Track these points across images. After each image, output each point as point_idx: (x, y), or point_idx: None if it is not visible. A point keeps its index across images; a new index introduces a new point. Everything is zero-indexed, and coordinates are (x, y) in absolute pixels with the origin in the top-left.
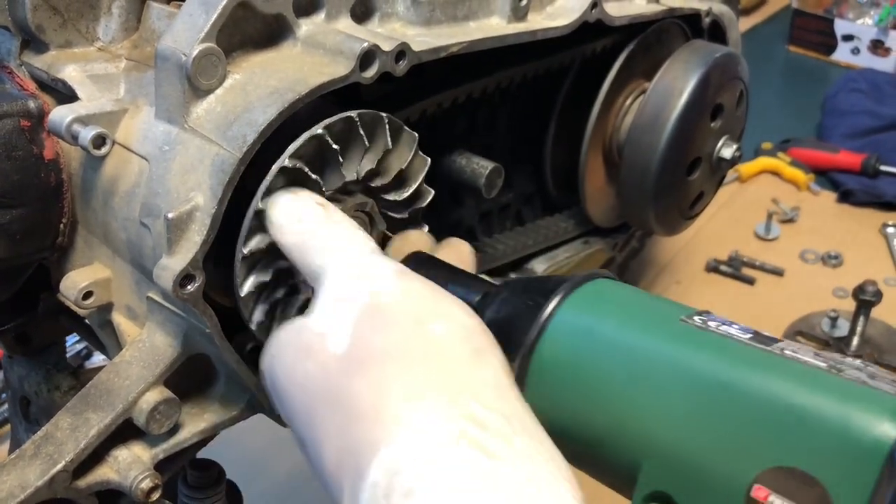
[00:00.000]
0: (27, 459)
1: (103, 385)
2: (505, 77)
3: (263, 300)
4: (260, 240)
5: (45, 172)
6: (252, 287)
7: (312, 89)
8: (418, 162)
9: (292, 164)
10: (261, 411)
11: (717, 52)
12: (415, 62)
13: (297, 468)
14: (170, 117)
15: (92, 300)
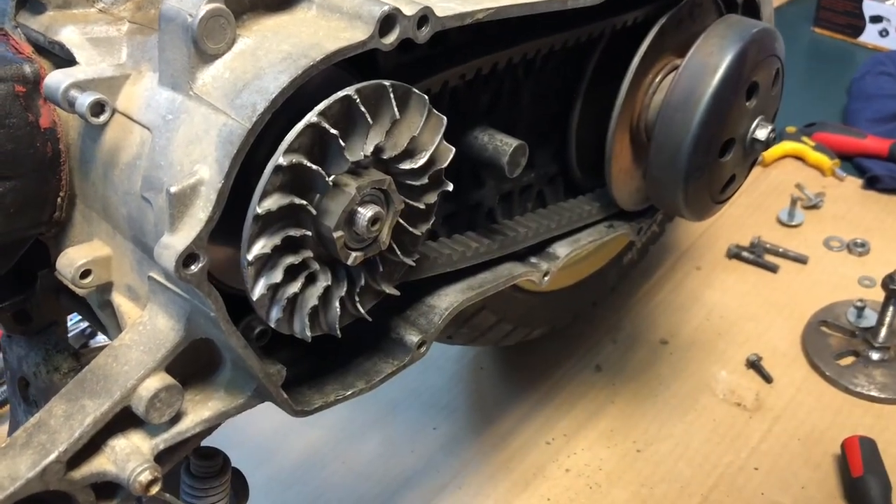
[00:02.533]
0: (18, 449)
1: (101, 370)
2: (531, 47)
3: (278, 300)
4: (265, 243)
5: (41, 142)
6: (263, 290)
7: (328, 55)
8: (431, 125)
9: (288, 160)
10: (268, 399)
11: (754, 27)
12: (438, 29)
13: (305, 453)
14: (174, 84)
15: (90, 279)
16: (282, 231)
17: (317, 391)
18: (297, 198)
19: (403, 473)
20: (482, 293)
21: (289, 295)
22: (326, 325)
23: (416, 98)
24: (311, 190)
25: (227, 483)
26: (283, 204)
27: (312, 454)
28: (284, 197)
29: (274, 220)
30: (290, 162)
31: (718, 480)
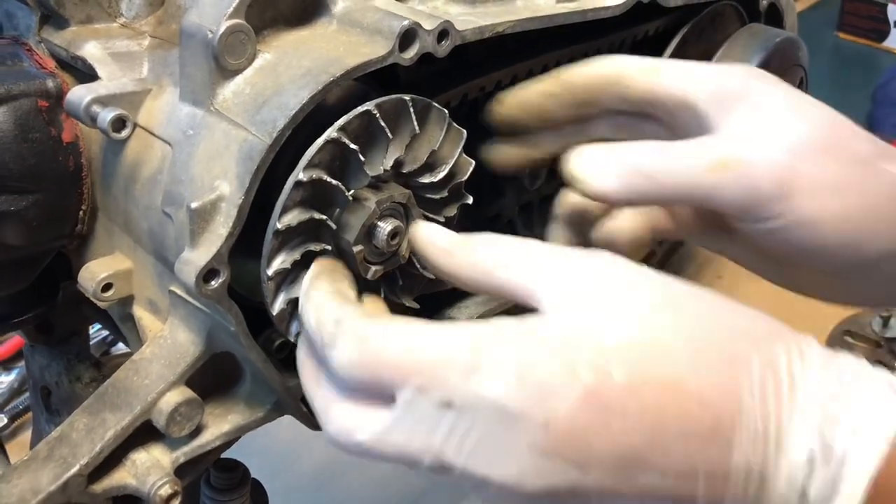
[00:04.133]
0: (40, 462)
1: (121, 384)
2: (551, 59)
3: (298, 315)
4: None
5: (64, 156)
6: (283, 304)
7: (348, 70)
8: (451, 138)
9: (308, 176)
10: (287, 412)
11: (777, 36)
12: (458, 42)
13: (323, 463)
14: (195, 99)
15: (111, 292)
16: (302, 246)
17: None
18: (317, 213)
19: (422, 483)
20: (502, 305)
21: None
22: None
23: (435, 112)
24: (331, 205)
25: (247, 494)
26: (303, 219)
27: (331, 463)
28: (304, 212)
29: (294, 235)
30: (310, 177)
31: None
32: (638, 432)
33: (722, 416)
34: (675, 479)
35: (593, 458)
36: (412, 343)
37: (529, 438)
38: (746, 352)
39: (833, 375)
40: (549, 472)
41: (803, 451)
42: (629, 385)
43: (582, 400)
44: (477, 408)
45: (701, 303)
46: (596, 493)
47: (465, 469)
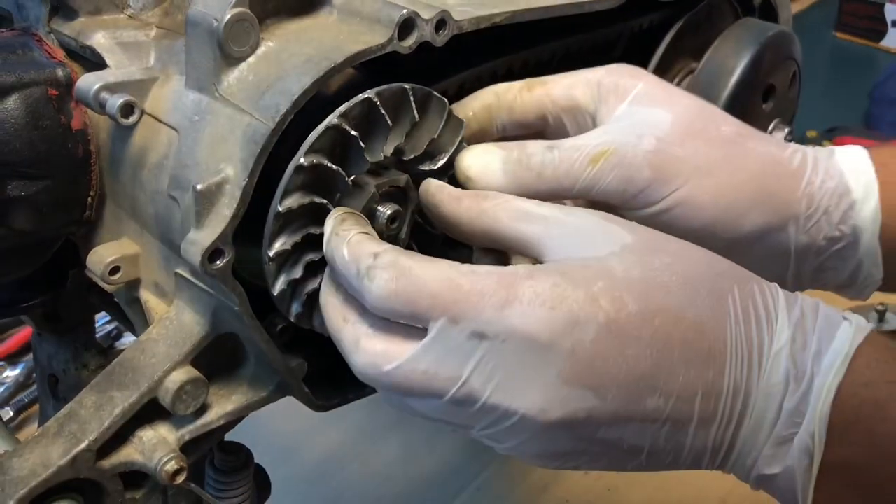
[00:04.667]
0: (50, 437)
1: (129, 363)
2: (547, 51)
3: (298, 295)
4: (285, 241)
5: (73, 143)
6: (284, 285)
7: (349, 57)
8: (451, 127)
9: (309, 161)
10: (290, 394)
11: (770, 30)
12: (455, 32)
13: (325, 455)
14: (200, 86)
15: (119, 276)
16: (303, 229)
17: (336, 386)
18: (318, 197)
19: (423, 475)
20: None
21: (308, 290)
22: None
23: (435, 101)
24: (331, 190)
25: (250, 477)
26: (303, 202)
27: (332, 454)
28: (305, 196)
29: (295, 217)
30: (310, 162)
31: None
32: (649, 357)
33: (715, 343)
34: (676, 401)
35: (610, 382)
36: (450, 276)
37: (557, 367)
38: (730, 288)
39: (797, 310)
40: (571, 399)
41: (781, 372)
42: (641, 314)
43: (604, 327)
44: (509, 339)
45: (684, 247)
46: (607, 420)
47: (489, 400)
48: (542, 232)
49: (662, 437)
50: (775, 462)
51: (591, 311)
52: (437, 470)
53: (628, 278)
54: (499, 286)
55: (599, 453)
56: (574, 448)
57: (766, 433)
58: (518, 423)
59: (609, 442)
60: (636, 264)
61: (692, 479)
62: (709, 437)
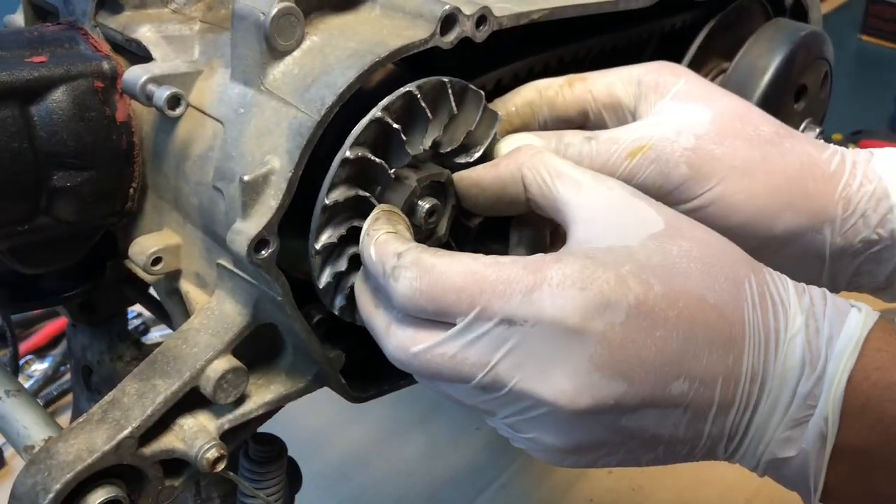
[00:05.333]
0: (94, 423)
1: (171, 352)
2: (582, 47)
3: (342, 289)
4: (331, 233)
5: (117, 135)
6: (329, 278)
7: (392, 52)
8: (487, 119)
9: (354, 154)
10: (327, 384)
11: (802, 30)
12: (495, 28)
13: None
14: (246, 79)
15: (161, 266)
16: (347, 222)
17: (371, 379)
18: (362, 190)
19: (447, 472)
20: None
21: (353, 284)
22: None
23: (472, 94)
24: (374, 183)
25: (284, 468)
26: (349, 195)
27: (357, 451)
28: (350, 189)
29: (340, 211)
30: (356, 155)
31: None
32: (675, 339)
33: (734, 328)
34: (699, 386)
35: (640, 366)
36: (474, 269)
37: (588, 351)
38: (746, 275)
39: (806, 297)
40: (602, 385)
41: (797, 357)
42: (667, 295)
43: (634, 308)
44: (538, 324)
45: (702, 231)
46: (634, 406)
47: (517, 387)
48: (573, 198)
49: (683, 425)
50: (789, 446)
51: (622, 292)
52: (461, 467)
53: (650, 263)
54: (525, 272)
55: (618, 444)
56: (594, 439)
57: (779, 417)
58: (545, 412)
59: (630, 431)
60: (657, 251)
61: (718, 479)
62: (727, 423)
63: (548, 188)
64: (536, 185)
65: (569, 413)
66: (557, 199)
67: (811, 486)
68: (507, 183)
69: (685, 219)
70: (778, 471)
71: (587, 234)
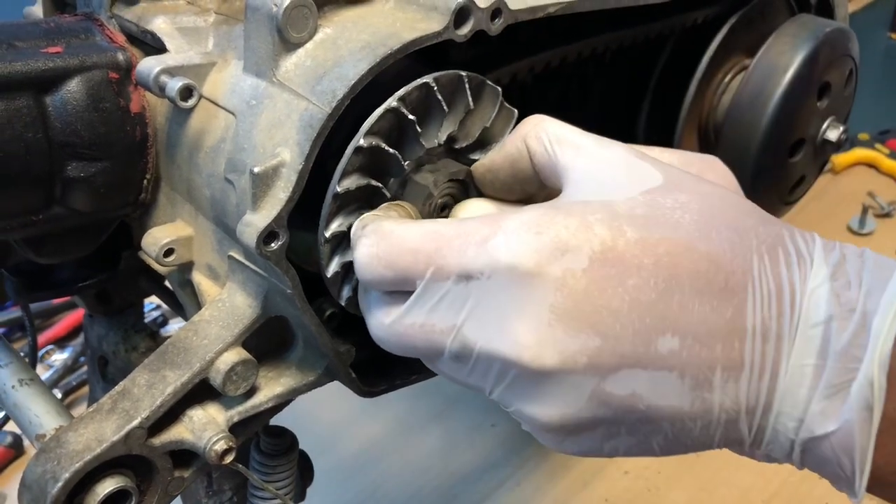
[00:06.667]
0: (104, 413)
1: (181, 343)
2: (600, 42)
3: (350, 279)
4: (342, 222)
5: (131, 126)
6: (337, 267)
7: (405, 44)
8: (503, 117)
9: (368, 143)
10: (337, 378)
11: (827, 26)
12: (510, 21)
13: (364, 445)
14: (258, 71)
15: (173, 258)
16: (358, 211)
17: (382, 374)
18: (374, 180)
19: (461, 469)
20: None
21: None
22: None
23: (489, 90)
24: (386, 174)
25: (295, 461)
26: (361, 184)
27: (372, 446)
28: (362, 178)
29: (351, 199)
30: (369, 144)
31: (780, 488)
32: (654, 288)
33: (734, 276)
34: (692, 343)
35: (611, 318)
36: (432, 228)
37: (547, 300)
38: (753, 226)
39: (836, 253)
40: (566, 340)
41: (821, 311)
42: (643, 241)
43: (599, 254)
44: (494, 274)
45: (708, 186)
46: (614, 365)
47: (482, 348)
48: (569, 160)
49: (685, 394)
50: (827, 419)
51: (584, 237)
52: (476, 464)
53: (631, 214)
54: (482, 224)
55: (614, 421)
56: (581, 412)
57: (810, 385)
58: (515, 375)
59: (621, 401)
60: (644, 204)
61: (736, 480)
62: (739, 390)
63: (549, 155)
64: (539, 153)
65: (537, 373)
66: (557, 164)
67: (856, 467)
68: (515, 158)
69: (692, 176)
70: (814, 454)
71: (574, 194)
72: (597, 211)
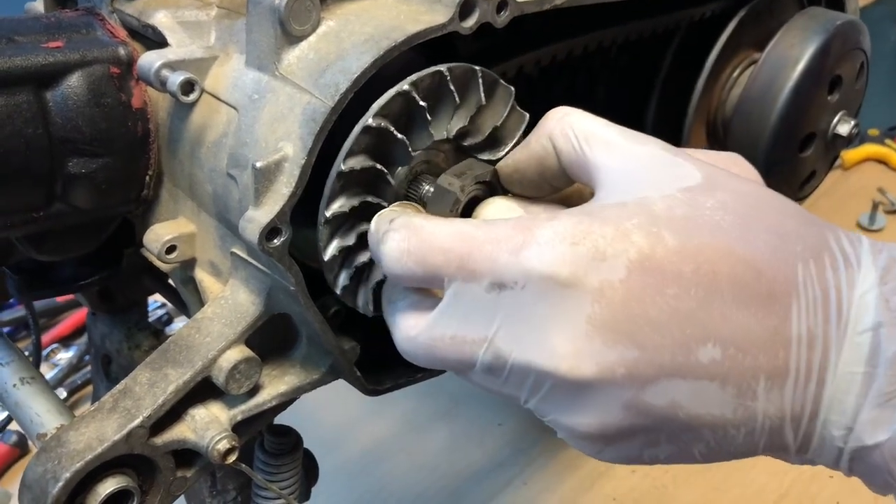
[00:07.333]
0: (105, 412)
1: (183, 341)
2: (607, 36)
3: (348, 265)
4: (343, 203)
5: (133, 121)
6: (335, 251)
7: (409, 37)
8: (515, 118)
9: (377, 123)
10: (342, 377)
11: (838, 19)
12: (516, 13)
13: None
14: (260, 65)
15: (175, 255)
16: (361, 195)
17: (388, 372)
18: (380, 164)
19: (468, 468)
20: None
21: (358, 263)
22: None
23: (502, 88)
24: (392, 161)
25: (299, 461)
26: (366, 165)
27: (378, 445)
28: (368, 160)
29: (355, 182)
30: (378, 124)
31: (791, 487)
32: (693, 297)
33: (776, 283)
34: (734, 351)
35: (650, 328)
36: (463, 229)
37: (584, 311)
38: (796, 229)
39: (885, 255)
40: (603, 350)
41: (870, 317)
42: (682, 248)
43: (637, 263)
44: (528, 284)
45: (748, 185)
46: (653, 375)
47: (517, 359)
48: (601, 159)
49: (728, 403)
50: (878, 428)
51: (621, 246)
52: (483, 463)
53: (670, 216)
54: (514, 230)
55: (654, 430)
56: (619, 421)
57: (858, 392)
58: (552, 386)
59: (660, 411)
60: (683, 203)
61: (748, 478)
62: (784, 398)
63: (577, 153)
64: (566, 151)
65: (574, 384)
66: (588, 162)
67: None
68: (542, 157)
69: (731, 174)
70: (864, 463)
71: (609, 195)
72: (634, 215)
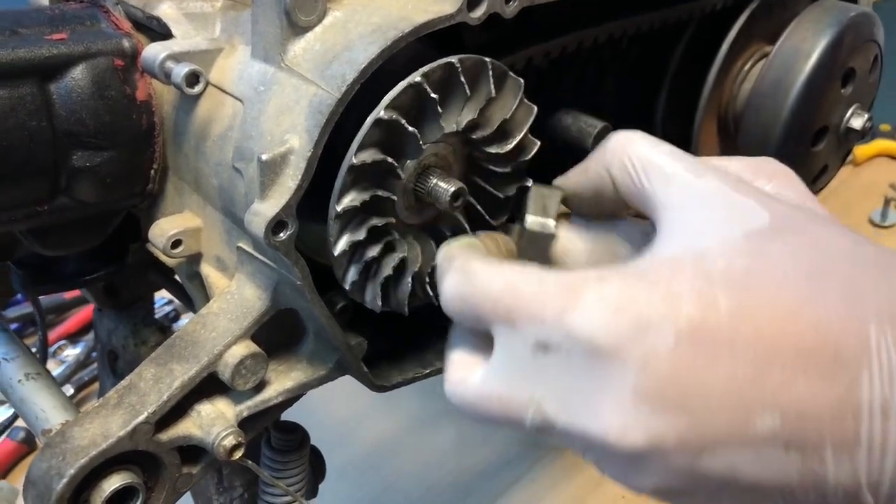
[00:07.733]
0: (110, 408)
1: (189, 336)
2: (618, 27)
3: (357, 260)
4: (354, 197)
5: (137, 114)
6: (346, 246)
7: (416, 27)
8: (523, 111)
9: (388, 115)
10: (349, 373)
11: (851, 11)
12: (525, 4)
13: (378, 441)
14: (266, 56)
15: (181, 249)
16: (371, 189)
17: (396, 368)
18: (390, 157)
19: (477, 465)
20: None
21: (367, 258)
22: (396, 301)
23: (511, 80)
24: (401, 155)
25: (306, 458)
26: (377, 159)
27: (386, 442)
28: (379, 153)
29: (366, 175)
30: (390, 117)
31: None
32: (751, 364)
33: (844, 347)
34: (796, 421)
35: (702, 398)
36: (513, 280)
37: (629, 381)
38: (873, 280)
39: None
40: (654, 420)
41: None
42: (737, 312)
43: (686, 333)
44: (573, 349)
45: (823, 228)
46: (708, 446)
47: (565, 424)
48: (661, 195)
49: (792, 468)
50: None
51: (668, 313)
52: (490, 460)
53: (728, 272)
54: (561, 290)
55: (717, 489)
56: (681, 485)
57: None
58: (603, 451)
59: (720, 475)
60: (746, 253)
61: None
62: (857, 466)
63: (636, 186)
64: (624, 183)
65: (625, 452)
66: (645, 195)
67: None
68: (598, 186)
69: (801, 210)
70: None
71: (665, 243)
72: (686, 278)
